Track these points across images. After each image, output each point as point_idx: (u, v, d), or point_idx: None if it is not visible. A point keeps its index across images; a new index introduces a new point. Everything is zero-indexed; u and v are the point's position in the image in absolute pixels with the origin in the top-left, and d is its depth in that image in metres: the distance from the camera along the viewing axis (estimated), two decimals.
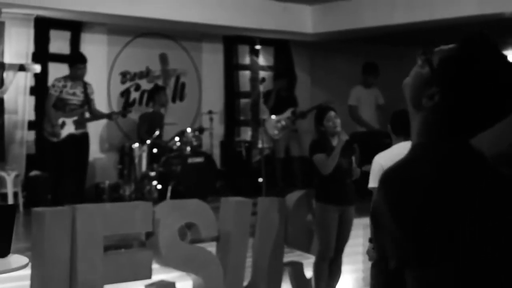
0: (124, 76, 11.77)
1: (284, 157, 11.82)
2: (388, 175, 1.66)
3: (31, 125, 10.44)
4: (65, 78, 9.74)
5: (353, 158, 6.41)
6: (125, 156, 10.76)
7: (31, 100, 10.50)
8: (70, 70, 9.81)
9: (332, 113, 6.44)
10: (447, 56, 1.74)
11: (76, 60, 9.98)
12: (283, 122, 11.52)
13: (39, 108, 10.19)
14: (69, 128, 9.62)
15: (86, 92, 9.80)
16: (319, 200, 6.28)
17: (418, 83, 1.75)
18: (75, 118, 9.68)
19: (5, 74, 9.99)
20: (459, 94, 1.68)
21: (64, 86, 9.65)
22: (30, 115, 10.47)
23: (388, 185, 1.65)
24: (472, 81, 1.68)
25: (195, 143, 10.79)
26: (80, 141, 9.88)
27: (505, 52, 1.68)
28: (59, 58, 10.62)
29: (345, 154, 6.30)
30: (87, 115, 9.97)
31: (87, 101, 9.82)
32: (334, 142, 6.34)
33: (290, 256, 6.41)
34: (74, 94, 9.69)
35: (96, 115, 10.07)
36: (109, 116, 10.31)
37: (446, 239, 1.59)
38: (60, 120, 9.56)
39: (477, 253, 1.59)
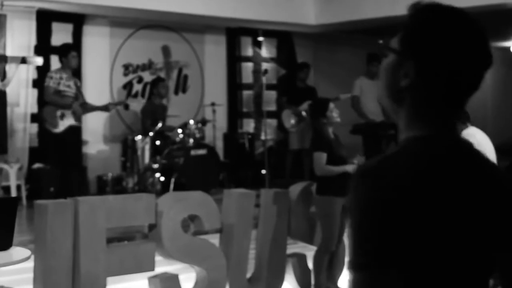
0: (127, 68, 11.76)
1: (297, 149, 11.80)
2: (364, 170, 1.65)
3: (34, 118, 10.44)
4: (60, 70, 9.66)
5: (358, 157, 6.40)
6: (128, 149, 10.77)
7: (33, 93, 10.50)
8: (63, 61, 9.67)
9: (332, 104, 6.44)
10: (405, 30, 1.72)
11: (69, 48, 9.86)
12: (303, 113, 11.44)
13: (42, 100, 10.20)
14: (69, 120, 9.57)
15: (77, 85, 9.76)
16: (321, 192, 6.26)
17: (390, 71, 1.72)
18: (74, 109, 9.60)
19: (7, 67, 9.98)
20: (430, 58, 1.66)
21: (61, 78, 9.60)
22: (33, 107, 10.47)
23: (361, 180, 1.64)
24: (438, 40, 1.66)
25: (198, 135, 10.79)
26: (78, 133, 9.89)
27: (508, 43, 1.66)
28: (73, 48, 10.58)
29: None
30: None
31: (79, 94, 9.77)
32: (331, 135, 6.32)
33: (293, 247, 6.40)
34: (69, 86, 9.64)
35: (93, 107, 10.01)
36: (106, 107, 10.22)
37: (414, 243, 1.57)
38: (59, 112, 9.52)
39: (444, 261, 1.59)
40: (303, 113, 11.44)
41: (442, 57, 1.65)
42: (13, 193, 9.43)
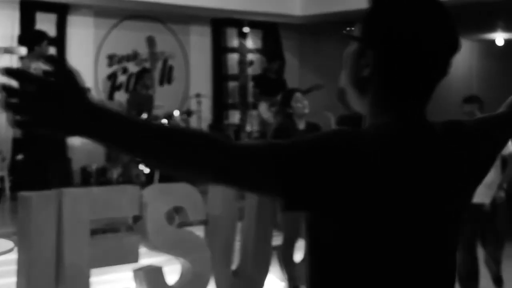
0: (111, 59, 11.69)
1: None
2: (341, 133, 1.58)
3: None
4: (31, 58, 9.42)
5: None
6: None
7: (16, 83, 10.40)
8: (35, 49, 9.40)
9: (299, 94, 6.35)
10: (365, 19, 1.69)
11: (41, 37, 9.64)
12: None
13: None
14: None
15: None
16: None
17: (352, 60, 1.69)
18: None
19: None
20: (390, 46, 1.61)
21: (36, 69, 9.43)
22: None
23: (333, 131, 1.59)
24: (399, 28, 1.61)
25: (183, 126, 10.75)
26: None
27: (493, 35, 1.64)
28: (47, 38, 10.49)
29: None
30: None
31: None
32: (301, 125, 6.23)
33: (279, 239, 6.39)
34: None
35: None
36: None
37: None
38: None
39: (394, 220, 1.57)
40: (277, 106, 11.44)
41: (401, 45, 1.60)
42: None
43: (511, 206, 6.09)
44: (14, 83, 1.48)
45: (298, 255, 6.38)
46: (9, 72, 1.45)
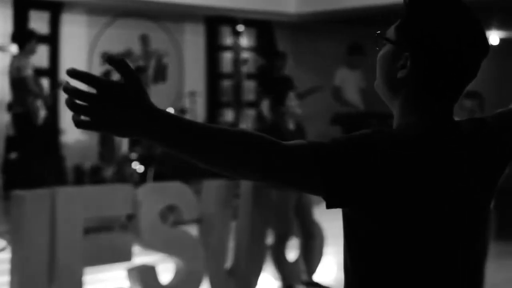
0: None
1: None
2: (379, 133, 1.65)
3: (9, 107, 10.31)
4: (23, 57, 9.35)
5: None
6: (106, 138, 10.67)
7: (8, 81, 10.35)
8: (25, 47, 9.31)
9: (292, 93, 6.31)
10: (401, 20, 1.73)
11: (31, 35, 9.59)
12: None
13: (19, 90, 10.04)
14: (43, 110, 9.40)
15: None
16: None
17: (386, 62, 1.75)
18: (45, 98, 9.40)
19: None
20: (428, 50, 1.67)
21: (24, 67, 9.33)
22: (8, 96, 10.34)
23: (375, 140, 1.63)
24: (434, 30, 1.67)
25: None
26: (55, 123, 9.75)
27: (488, 33, 1.67)
28: (38, 39, 10.45)
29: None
30: None
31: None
32: (291, 125, 6.18)
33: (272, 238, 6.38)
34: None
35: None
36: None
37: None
38: (39, 102, 9.37)
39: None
40: None
41: (438, 48, 1.67)
42: None
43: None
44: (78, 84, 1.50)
45: (292, 254, 6.37)
46: (74, 73, 1.48)
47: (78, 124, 1.49)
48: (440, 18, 1.67)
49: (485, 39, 1.71)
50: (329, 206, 1.62)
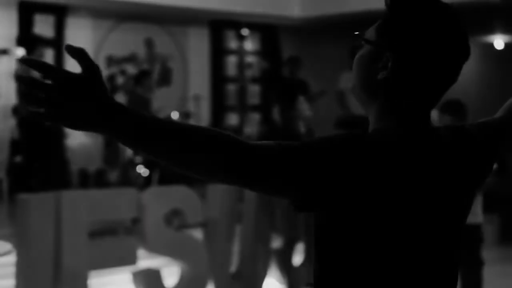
0: (110, 61, 11.68)
1: None
2: (355, 137, 1.60)
3: (15, 110, 10.33)
4: None
5: None
6: (111, 141, 10.68)
7: (14, 85, 10.38)
8: (34, 52, 9.33)
9: (302, 97, 6.32)
10: (383, 20, 1.68)
11: (37, 41, 9.62)
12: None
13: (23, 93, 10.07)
14: None
15: None
16: None
17: (365, 63, 1.69)
18: None
19: None
20: (409, 50, 1.62)
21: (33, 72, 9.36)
22: (14, 100, 10.36)
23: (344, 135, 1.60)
24: (417, 31, 1.62)
25: None
26: (60, 126, 9.74)
27: (492, 37, 1.65)
28: (43, 42, 10.48)
29: None
30: None
31: None
32: (302, 129, 6.18)
33: (278, 242, 6.37)
34: None
35: None
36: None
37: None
38: None
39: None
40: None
41: (420, 49, 1.62)
42: None
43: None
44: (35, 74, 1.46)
45: (297, 258, 6.37)
46: (28, 62, 1.43)
47: (36, 116, 1.43)
48: (422, 19, 1.63)
49: (467, 42, 1.67)
50: (298, 209, 1.58)
